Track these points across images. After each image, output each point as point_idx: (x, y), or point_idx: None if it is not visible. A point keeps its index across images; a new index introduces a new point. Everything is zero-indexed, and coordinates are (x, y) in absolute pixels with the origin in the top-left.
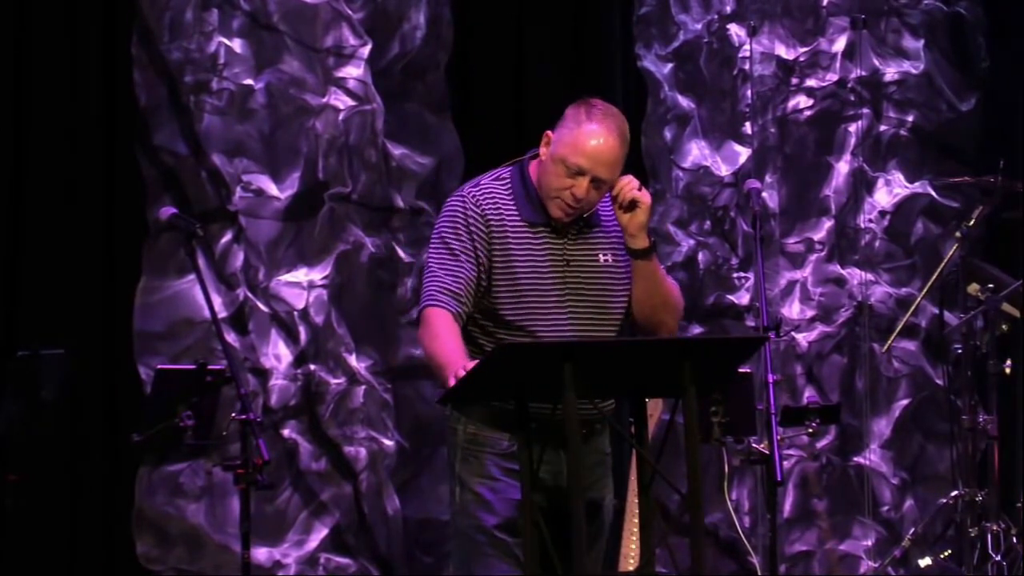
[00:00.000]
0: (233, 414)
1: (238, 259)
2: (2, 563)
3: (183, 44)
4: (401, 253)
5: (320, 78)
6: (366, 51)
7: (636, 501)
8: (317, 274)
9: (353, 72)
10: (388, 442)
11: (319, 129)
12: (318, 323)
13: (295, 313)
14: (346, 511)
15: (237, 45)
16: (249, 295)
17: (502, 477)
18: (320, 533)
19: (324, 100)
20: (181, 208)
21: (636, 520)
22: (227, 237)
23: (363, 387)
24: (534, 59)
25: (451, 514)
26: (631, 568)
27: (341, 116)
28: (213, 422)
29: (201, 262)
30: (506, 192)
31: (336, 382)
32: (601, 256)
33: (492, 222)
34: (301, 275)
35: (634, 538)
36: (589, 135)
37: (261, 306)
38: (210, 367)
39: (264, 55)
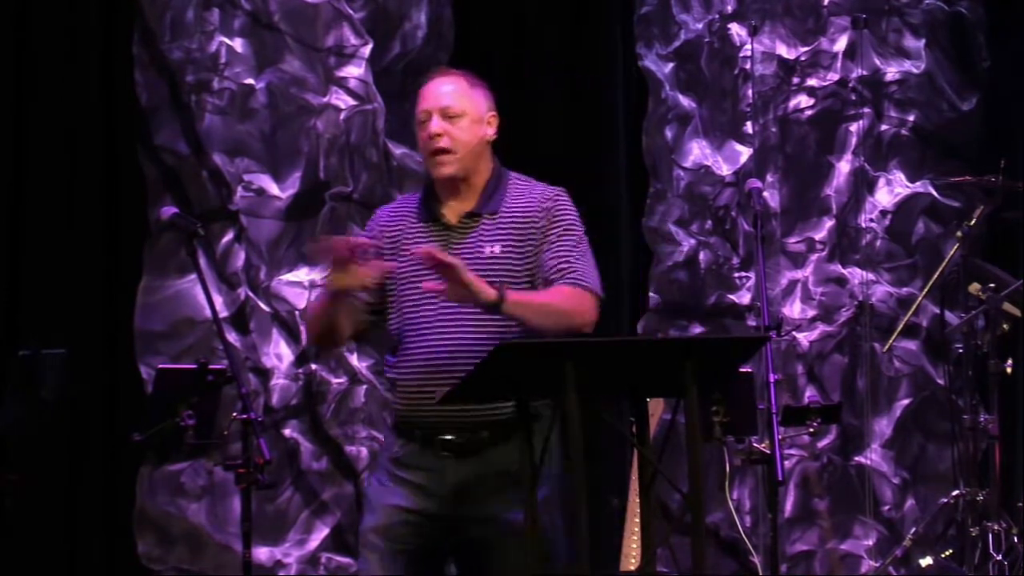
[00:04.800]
0: (234, 414)
1: (239, 258)
2: (3, 563)
3: (184, 43)
4: None
5: (321, 78)
6: (367, 51)
7: (637, 500)
8: (318, 273)
9: (354, 72)
10: None
11: (320, 129)
12: None
13: (296, 312)
14: (347, 511)
15: (238, 44)
16: (250, 294)
17: (387, 482)
18: (321, 532)
19: (325, 100)
20: (182, 208)
21: (637, 519)
22: (228, 236)
23: (364, 386)
24: (535, 58)
25: None
26: (632, 567)
27: (342, 116)
28: (214, 422)
29: (202, 262)
30: (414, 200)
31: (337, 382)
32: (488, 248)
33: (387, 233)
34: (302, 274)
35: (635, 537)
36: (425, 84)
37: (262, 305)
38: (211, 366)
39: (265, 55)
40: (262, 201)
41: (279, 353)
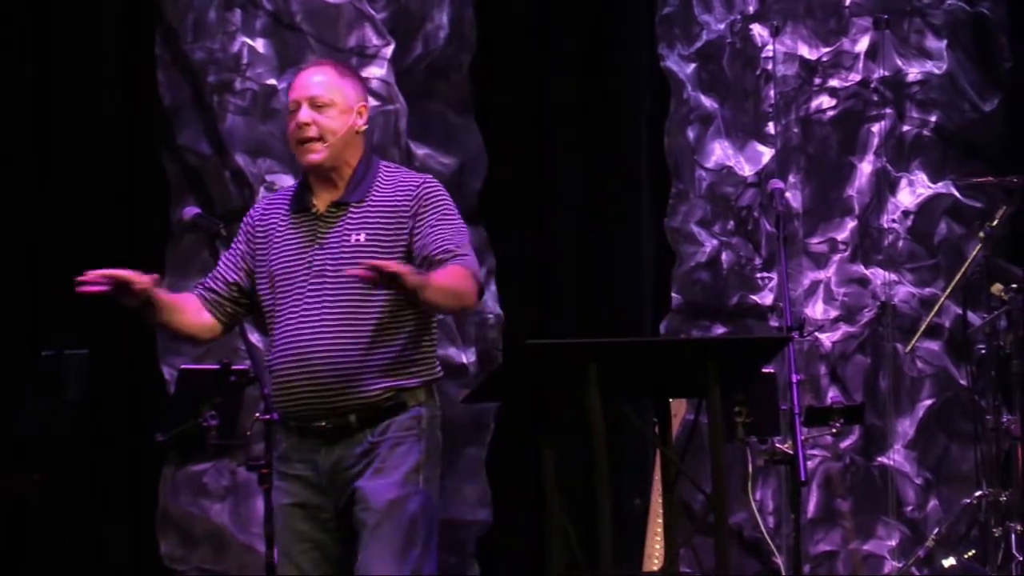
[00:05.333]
0: (257, 414)
1: None
2: (27, 562)
3: (206, 44)
4: None
5: None
6: (389, 51)
7: (660, 501)
8: None
9: (376, 72)
10: None
11: None
12: None
13: None
14: None
15: (260, 45)
16: None
17: (278, 482)
18: None
19: None
20: (204, 208)
21: (660, 520)
22: None
23: None
24: (557, 59)
25: None
26: (655, 568)
27: None
28: (237, 422)
29: None
30: (289, 192)
31: None
32: (353, 236)
33: (258, 226)
34: None
35: (658, 538)
36: (296, 76)
37: None
38: (234, 367)
39: (287, 55)
40: None
41: None
